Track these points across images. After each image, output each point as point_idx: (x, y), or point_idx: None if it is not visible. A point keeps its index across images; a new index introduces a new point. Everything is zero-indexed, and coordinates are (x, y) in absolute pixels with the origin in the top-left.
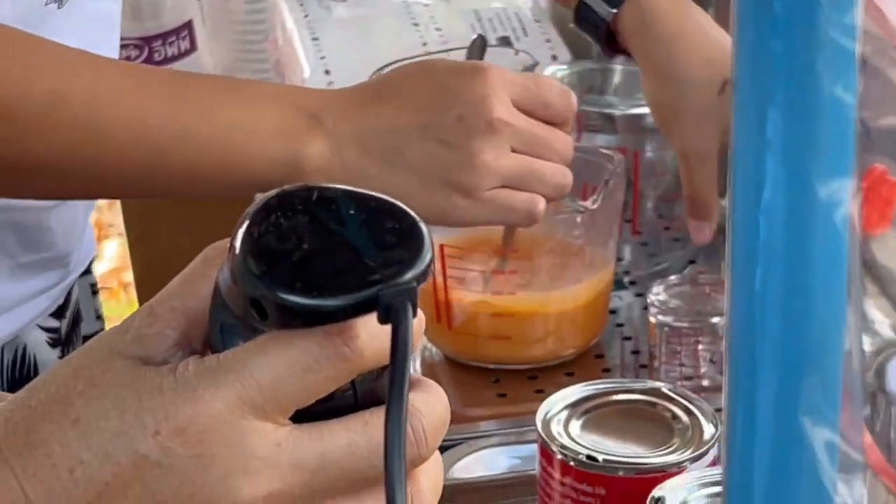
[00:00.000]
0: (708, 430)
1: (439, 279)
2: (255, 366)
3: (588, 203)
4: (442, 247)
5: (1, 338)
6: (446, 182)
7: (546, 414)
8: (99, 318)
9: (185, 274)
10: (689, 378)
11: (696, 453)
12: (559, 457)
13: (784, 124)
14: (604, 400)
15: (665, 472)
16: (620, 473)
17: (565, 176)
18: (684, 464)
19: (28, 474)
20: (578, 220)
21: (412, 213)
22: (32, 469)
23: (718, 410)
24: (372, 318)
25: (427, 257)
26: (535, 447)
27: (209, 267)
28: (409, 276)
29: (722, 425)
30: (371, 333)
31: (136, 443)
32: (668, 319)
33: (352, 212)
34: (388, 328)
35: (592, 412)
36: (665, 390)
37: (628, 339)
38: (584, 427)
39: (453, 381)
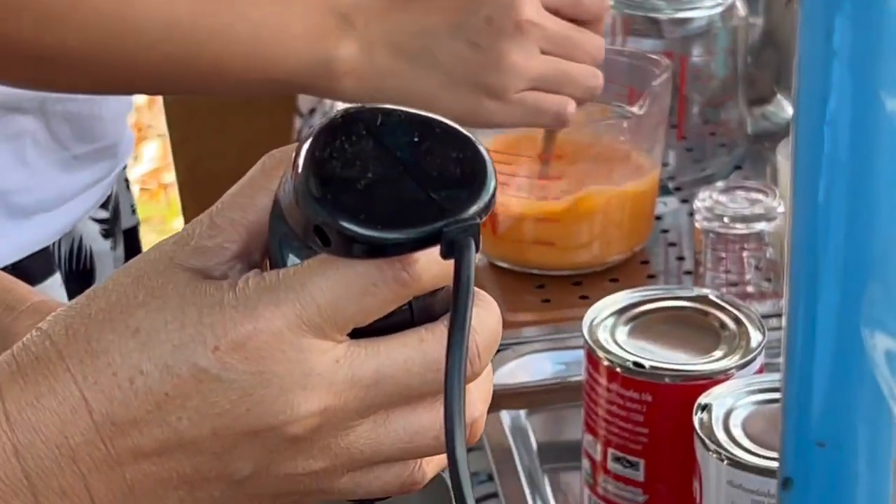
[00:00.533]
0: (755, 337)
1: None
2: (315, 286)
3: (634, 108)
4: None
5: (59, 231)
6: (475, 83)
7: (592, 320)
8: (134, 212)
9: (244, 184)
10: (733, 284)
11: (742, 360)
12: (605, 363)
13: (852, 33)
14: (650, 307)
15: (711, 379)
16: (666, 380)
17: (596, 77)
18: (731, 371)
19: (89, 382)
20: (624, 125)
21: (477, 141)
22: (93, 377)
23: (764, 317)
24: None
25: (490, 190)
26: (579, 353)
27: (268, 179)
28: (472, 210)
29: (769, 332)
30: (429, 258)
31: (195, 357)
32: (714, 226)
33: (416, 139)
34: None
35: (639, 319)
36: (712, 297)
37: (673, 245)
38: (630, 334)
39: (498, 287)
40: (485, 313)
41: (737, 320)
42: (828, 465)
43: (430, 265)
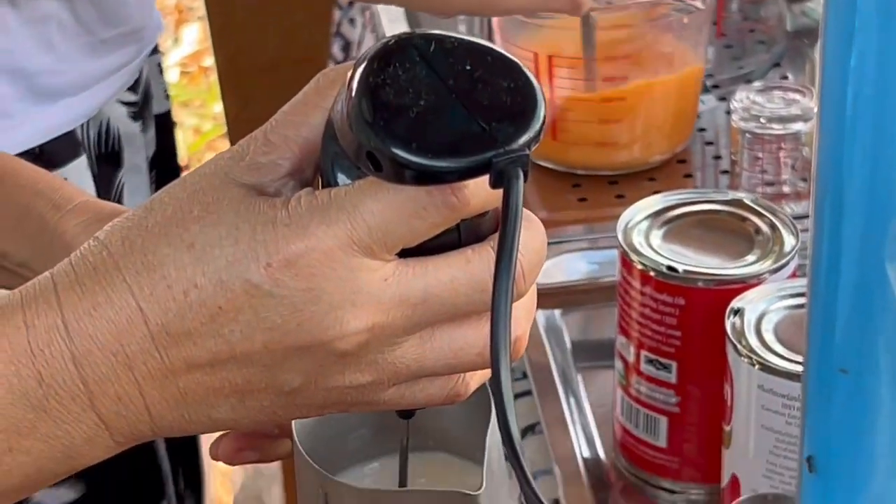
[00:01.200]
0: (789, 241)
1: None
2: (365, 208)
3: (697, 2)
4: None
5: (86, 114)
6: None
7: (627, 224)
8: (167, 97)
9: (298, 101)
10: (770, 184)
11: (775, 265)
12: (639, 267)
13: None
14: (685, 210)
15: (744, 284)
16: (700, 284)
17: None
18: (763, 275)
19: (145, 294)
20: (671, 19)
21: (527, 70)
22: (149, 289)
23: (799, 218)
24: None
25: (540, 121)
26: (613, 253)
27: (322, 97)
28: (522, 141)
29: (802, 235)
30: (478, 183)
31: (248, 272)
32: (751, 126)
33: (468, 67)
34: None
35: (673, 222)
36: (747, 201)
37: (710, 144)
38: (664, 237)
39: (534, 185)
40: (531, 234)
41: (771, 224)
42: (850, 392)
43: (479, 190)
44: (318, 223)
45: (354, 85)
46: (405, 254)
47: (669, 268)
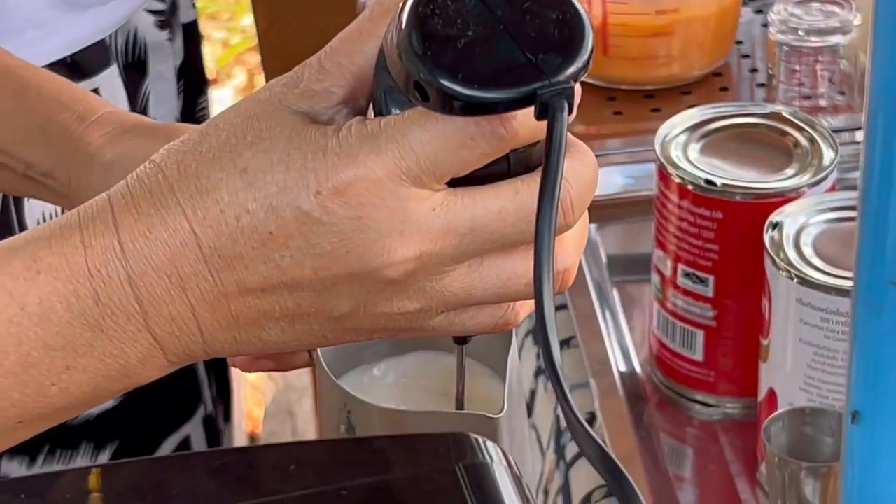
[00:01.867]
0: (827, 154)
1: None
2: (414, 138)
3: None
4: None
5: (114, 23)
6: None
7: (665, 137)
8: (194, 6)
9: (353, 30)
10: (807, 98)
11: (814, 178)
12: (677, 181)
13: None
14: (723, 123)
15: (783, 197)
16: (738, 198)
17: None
18: (802, 189)
19: (198, 217)
20: None
21: (577, 2)
22: (202, 213)
23: (837, 132)
24: None
25: (587, 53)
26: (650, 167)
27: (376, 26)
28: (567, 73)
29: (841, 148)
30: (527, 113)
31: (298, 200)
32: (788, 38)
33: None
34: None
35: (711, 136)
36: (785, 114)
37: (746, 57)
38: (702, 151)
39: None
40: (580, 165)
41: (809, 138)
42: None
43: (527, 120)
44: (367, 152)
45: (404, 16)
46: (454, 183)
47: (707, 181)
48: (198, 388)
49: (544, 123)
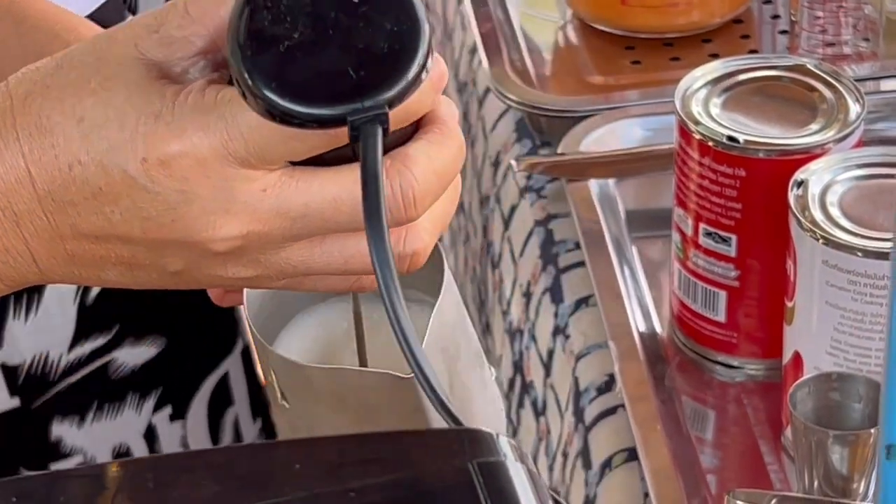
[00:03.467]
0: (853, 109)
1: None
2: (244, 121)
3: None
4: None
5: None
6: None
7: (685, 92)
8: None
9: None
10: (830, 45)
11: (840, 134)
12: (698, 137)
13: None
14: (745, 77)
15: (808, 154)
16: (761, 155)
17: None
18: (828, 145)
19: (34, 157)
20: None
21: (419, 11)
22: (38, 154)
23: (861, 80)
24: None
25: (411, 75)
26: (669, 119)
27: None
28: (385, 97)
29: (866, 97)
30: None
31: (126, 163)
32: None
33: (356, 0)
34: None
35: (733, 90)
36: (810, 66)
37: (769, 2)
38: (724, 106)
39: (587, 48)
40: (436, 152)
41: (835, 91)
42: None
43: None
44: (195, 128)
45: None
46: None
47: (730, 138)
48: (234, 322)
49: (404, 109)
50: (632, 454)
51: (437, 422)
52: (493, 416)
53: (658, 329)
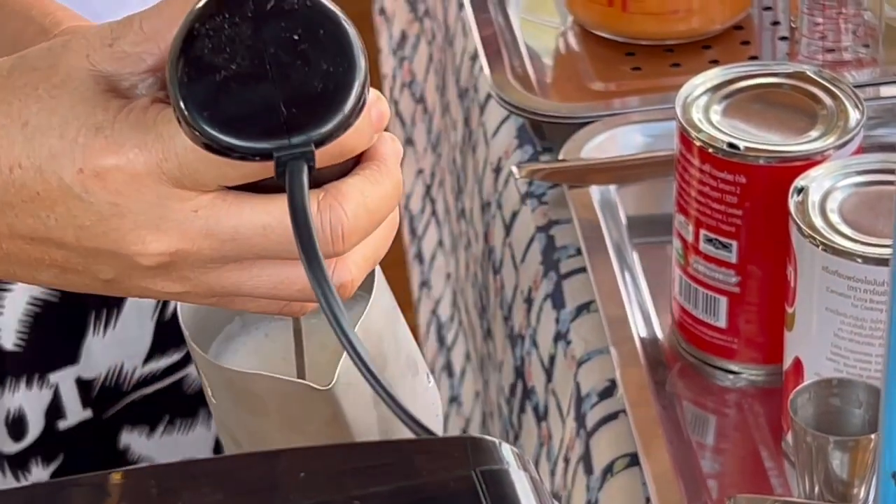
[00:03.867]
0: (853, 115)
1: None
2: (180, 143)
3: None
4: None
5: None
6: None
7: (686, 98)
8: None
9: None
10: (830, 51)
11: (840, 140)
12: (698, 144)
13: None
14: (745, 84)
15: (808, 161)
16: (761, 162)
17: None
18: (828, 151)
19: None
20: None
21: (357, 53)
22: None
23: (861, 86)
24: None
25: (339, 118)
26: (670, 125)
27: None
28: (312, 135)
29: (866, 103)
30: None
31: (63, 171)
32: None
33: (297, 36)
34: None
35: (733, 97)
36: (810, 73)
37: (768, 9)
38: (724, 113)
39: (587, 54)
40: (370, 189)
41: (835, 98)
42: None
43: None
44: (132, 145)
45: (186, 22)
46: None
47: (730, 145)
48: None
49: (341, 142)
50: (633, 459)
51: (359, 431)
52: (427, 423)
53: (659, 335)
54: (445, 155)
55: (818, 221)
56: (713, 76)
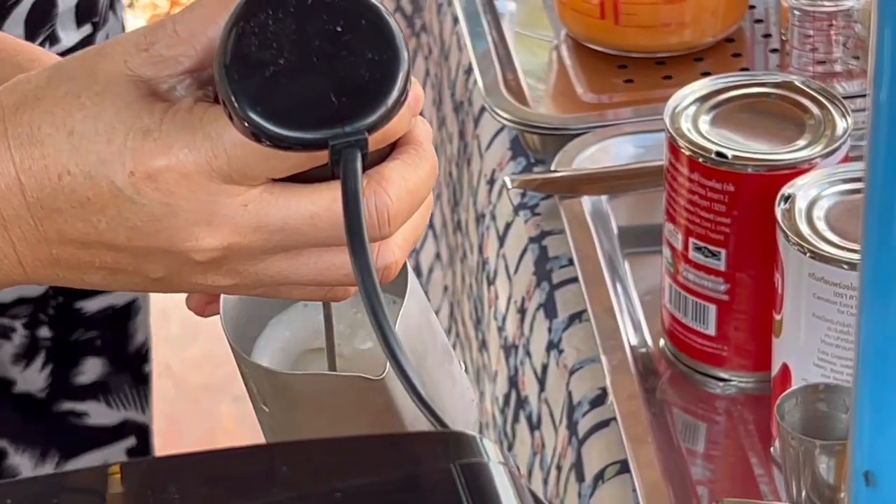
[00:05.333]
0: (840, 124)
1: None
2: (228, 139)
3: None
4: None
5: None
6: None
7: (674, 108)
8: None
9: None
10: (821, 63)
11: (826, 149)
12: (687, 153)
13: None
14: (734, 94)
15: (795, 169)
16: (749, 170)
17: None
18: (815, 160)
19: (25, 167)
20: None
21: (399, 42)
22: (29, 163)
23: (852, 97)
24: None
25: (389, 103)
26: (662, 136)
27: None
28: (364, 123)
29: (854, 117)
30: None
31: (114, 175)
32: (801, 3)
33: (339, 28)
34: None
35: (722, 106)
36: (797, 83)
37: (759, 22)
38: (713, 122)
39: (580, 67)
40: (410, 173)
41: (822, 107)
42: None
43: None
44: (181, 145)
45: (229, 21)
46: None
47: (718, 153)
48: None
49: (387, 129)
50: (624, 466)
51: (409, 419)
52: (464, 408)
53: (649, 343)
54: (442, 168)
55: (805, 229)
56: (702, 86)
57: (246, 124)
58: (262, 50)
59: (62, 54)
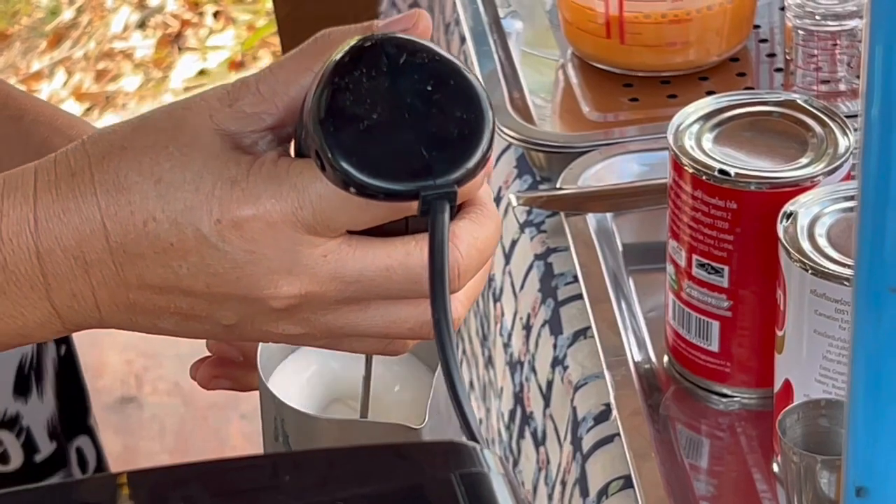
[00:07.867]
0: (843, 143)
1: None
2: (314, 191)
3: None
4: None
5: None
6: None
7: (678, 126)
8: None
9: (293, 57)
10: (825, 82)
11: (829, 167)
12: (690, 171)
13: None
14: (737, 112)
15: (797, 187)
16: (752, 188)
17: None
18: (817, 178)
19: (111, 213)
20: None
21: (485, 102)
22: (115, 209)
23: (851, 117)
24: None
25: (476, 158)
26: (666, 154)
27: (315, 60)
28: (454, 177)
29: (857, 135)
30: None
31: (200, 222)
32: (805, 23)
33: (430, 87)
34: None
35: (725, 125)
36: (800, 101)
37: (764, 41)
38: (716, 140)
39: (586, 86)
40: (478, 230)
41: (824, 126)
42: None
43: None
44: (269, 196)
45: (322, 78)
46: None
47: (721, 171)
48: None
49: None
50: (627, 482)
51: None
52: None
53: (653, 359)
54: None
55: (807, 246)
56: (705, 105)
57: (340, 174)
58: (356, 105)
59: None
